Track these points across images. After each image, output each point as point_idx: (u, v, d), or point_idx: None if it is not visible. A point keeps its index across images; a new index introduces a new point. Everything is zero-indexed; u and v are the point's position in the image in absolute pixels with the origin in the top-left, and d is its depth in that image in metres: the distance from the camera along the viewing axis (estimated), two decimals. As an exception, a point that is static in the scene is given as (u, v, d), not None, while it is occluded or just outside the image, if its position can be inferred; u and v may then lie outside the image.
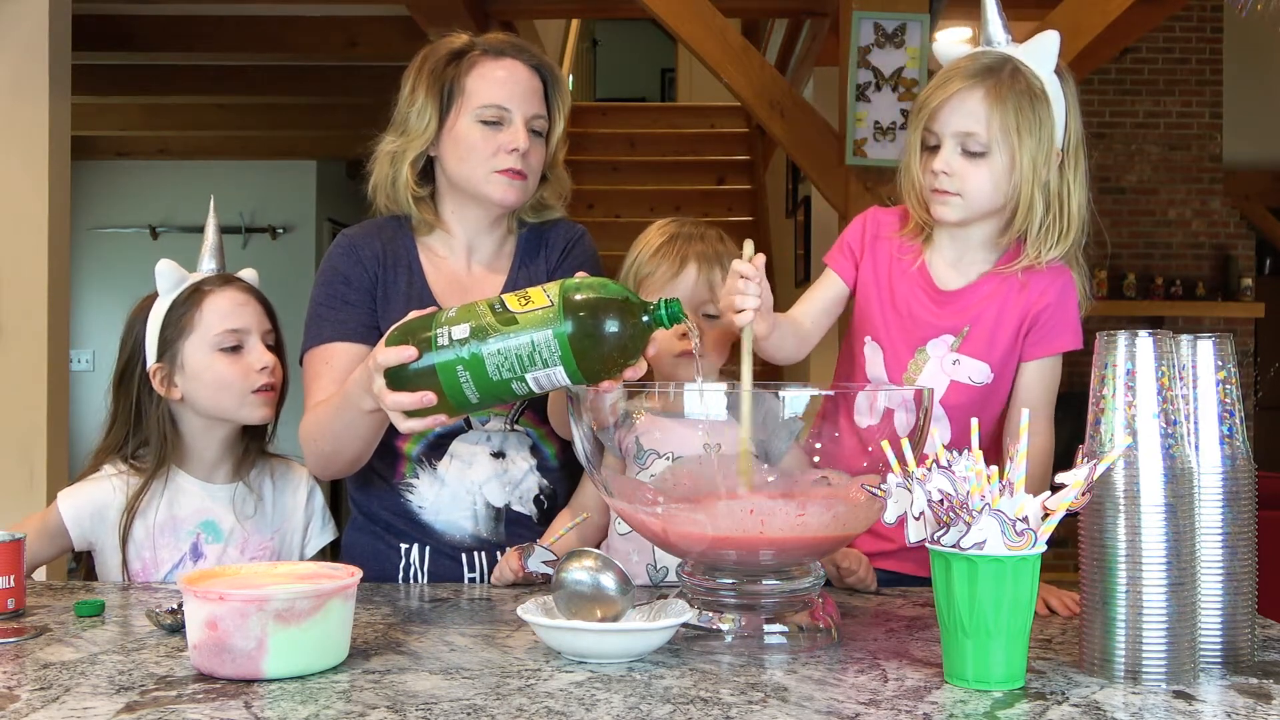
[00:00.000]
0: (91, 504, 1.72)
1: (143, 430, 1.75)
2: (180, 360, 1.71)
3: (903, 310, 1.63)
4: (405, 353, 1.33)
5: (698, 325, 1.55)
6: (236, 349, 1.72)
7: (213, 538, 1.73)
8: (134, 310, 1.78)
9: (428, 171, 1.78)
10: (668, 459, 1.37)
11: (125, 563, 1.70)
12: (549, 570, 1.55)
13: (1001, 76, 1.50)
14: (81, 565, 1.81)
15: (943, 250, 1.64)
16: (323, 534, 1.84)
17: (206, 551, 1.72)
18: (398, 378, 1.35)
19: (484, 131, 1.69)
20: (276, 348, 1.78)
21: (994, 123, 1.49)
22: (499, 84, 1.70)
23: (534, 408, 1.73)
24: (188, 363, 1.71)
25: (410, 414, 1.36)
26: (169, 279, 1.74)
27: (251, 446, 1.79)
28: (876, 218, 1.69)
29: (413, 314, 1.41)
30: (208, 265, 1.79)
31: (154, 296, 1.76)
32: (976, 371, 1.60)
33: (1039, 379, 1.62)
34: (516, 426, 1.73)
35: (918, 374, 1.62)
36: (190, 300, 1.73)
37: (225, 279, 1.77)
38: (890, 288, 1.65)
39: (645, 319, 1.32)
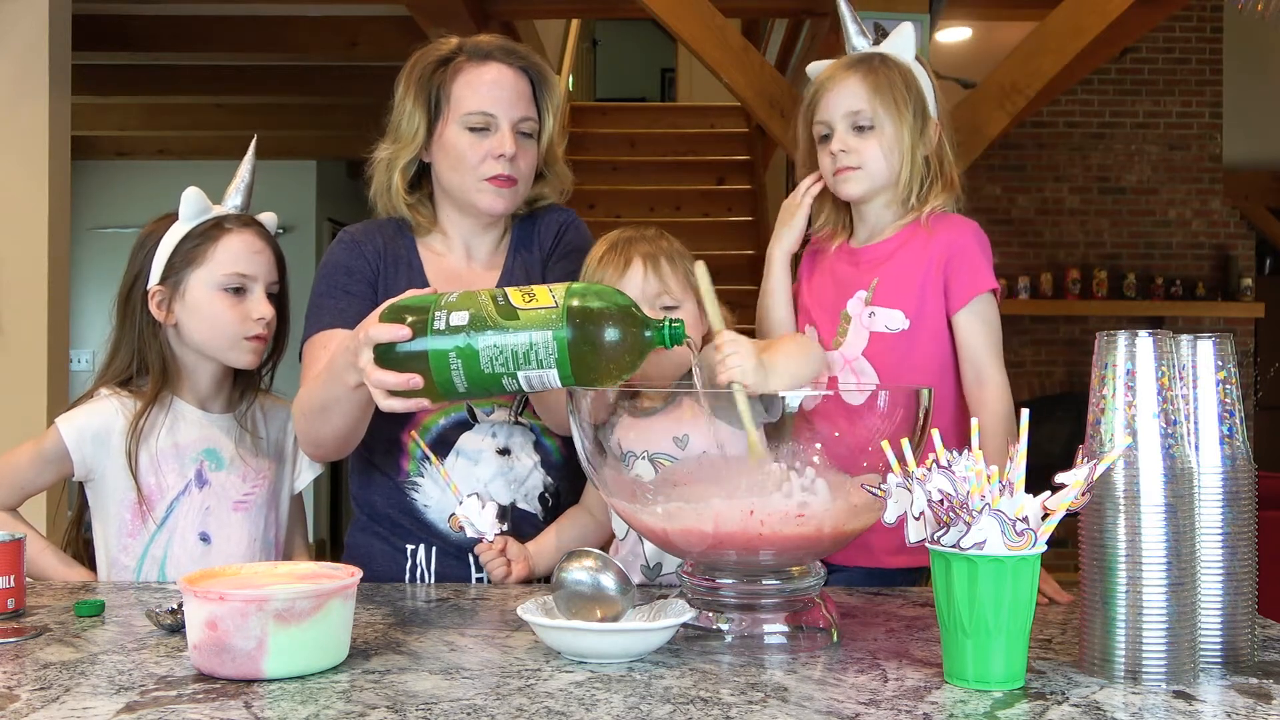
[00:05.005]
0: (93, 427, 1.72)
1: (145, 352, 1.76)
2: (182, 289, 1.73)
3: (826, 280, 1.74)
4: (399, 331, 1.32)
5: (655, 317, 1.55)
6: (239, 291, 1.74)
7: (215, 465, 1.76)
8: (148, 228, 1.79)
9: (426, 176, 1.78)
10: (645, 457, 1.37)
11: (139, 485, 1.70)
12: (486, 503, 1.55)
13: (873, 64, 1.70)
14: (74, 510, 1.82)
15: (857, 229, 1.77)
16: (311, 467, 1.87)
17: (211, 478, 1.75)
18: (387, 356, 1.33)
19: (471, 139, 1.69)
20: (280, 296, 1.80)
21: (874, 99, 1.68)
22: (484, 90, 1.70)
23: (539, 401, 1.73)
24: (188, 294, 1.73)
25: (393, 393, 1.35)
26: (193, 207, 1.75)
27: (241, 379, 1.82)
28: (810, 244, 1.85)
29: (411, 292, 1.40)
30: (233, 201, 1.80)
31: (169, 218, 1.77)
32: (891, 319, 1.67)
33: (971, 324, 1.66)
34: (520, 420, 1.73)
35: (844, 338, 1.70)
36: (207, 234, 1.74)
37: (246, 221, 1.78)
38: (815, 267, 1.79)
39: (648, 334, 1.31)
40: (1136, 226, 6.93)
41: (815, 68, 1.78)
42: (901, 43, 1.73)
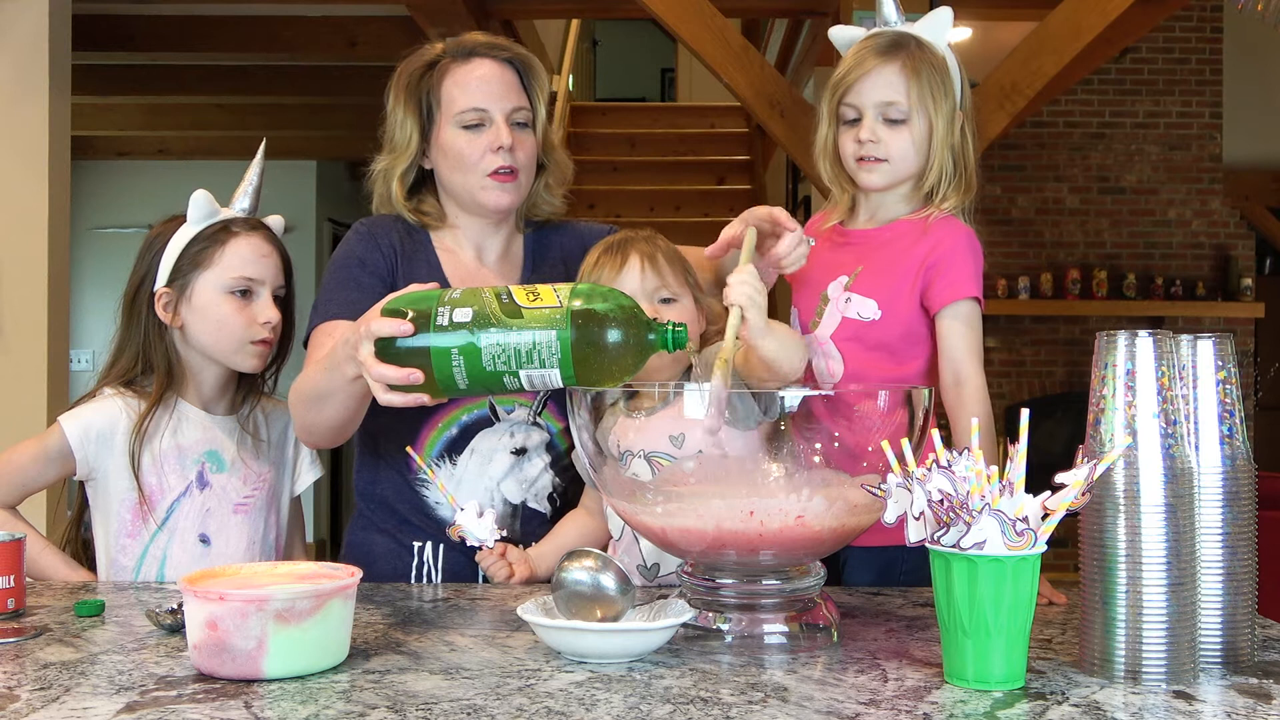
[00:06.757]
0: (98, 425, 1.71)
1: (150, 353, 1.76)
2: (189, 292, 1.74)
3: (813, 260, 1.69)
4: (401, 326, 1.32)
5: (655, 312, 1.56)
6: (246, 295, 1.74)
7: (216, 467, 1.76)
8: (155, 230, 1.79)
9: (427, 182, 1.79)
10: (641, 456, 1.38)
11: (140, 486, 1.70)
12: (484, 511, 1.55)
13: (911, 50, 1.64)
14: (75, 506, 1.82)
15: (858, 214, 1.74)
16: (311, 470, 1.87)
17: (212, 480, 1.75)
18: (388, 350, 1.33)
19: (468, 137, 1.70)
20: (287, 300, 1.81)
21: (912, 92, 1.62)
22: (473, 86, 1.71)
23: (556, 401, 1.73)
24: (195, 296, 1.74)
25: (392, 388, 1.35)
26: (201, 209, 1.76)
27: (244, 381, 1.82)
28: (809, 222, 1.81)
29: (413, 287, 1.40)
30: (241, 204, 1.81)
31: (177, 220, 1.77)
32: (864, 307, 1.65)
33: (953, 326, 1.63)
34: (539, 420, 1.73)
35: (820, 319, 1.68)
36: (215, 237, 1.75)
37: (253, 224, 1.79)
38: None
39: (650, 337, 1.32)
40: (1136, 226, 6.93)
41: (842, 36, 1.72)
42: (937, 26, 1.67)
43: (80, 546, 1.79)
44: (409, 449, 1.64)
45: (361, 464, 1.78)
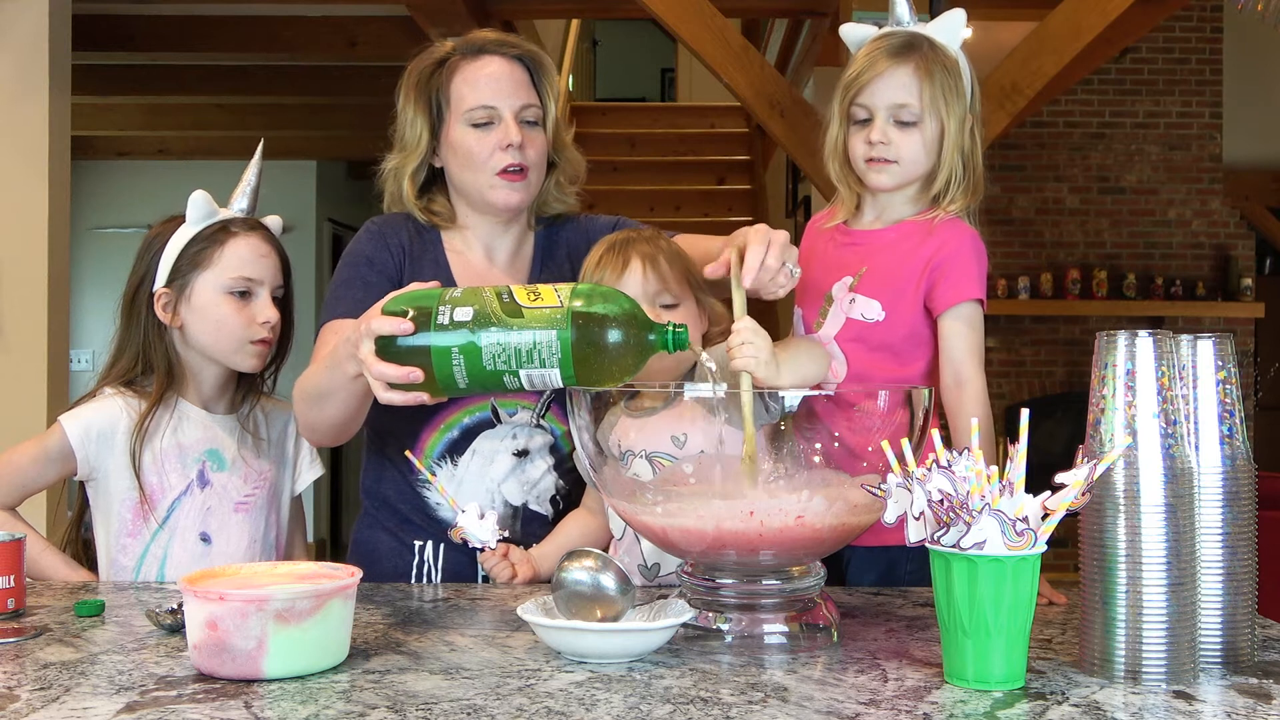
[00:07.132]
0: (98, 424, 1.72)
1: (150, 353, 1.77)
2: (189, 292, 1.74)
3: (817, 261, 1.69)
4: (401, 324, 1.32)
5: (657, 317, 1.55)
6: (245, 295, 1.75)
7: (217, 466, 1.76)
8: (154, 231, 1.80)
9: (438, 181, 1.79)
10: (643, 456, 1.37)
11: (141, 485, 1.70)
12: (485, 513, 1.55)
13: (924, 51, 1.63)
14: (75, 507, 1.82)
15: (864, 213, 1.73)
16: (311, 468, 1.88)
17: (212, 479, 1.76)
18: (389, 349, 1.33)
19: (477, 135, 1.70)
20: (285, 300, 1.81)
21: (924, 94, 1.61)
22: (482, 84, 1.71)
23: (560, 404, 1.73)
24: (195, 296, 1.74)
25: (392, 386, 1.35)
26: (200, 210, 1.76)
27: (244, 380, 1.83)
28: (812, 220, 1.81)
29: (414, 286, 1.40)
30: (239, 205, 1.81)
31: (176, 221, 1.78)
32: (869, 308, 1.65)
33: (955, 327, 1.63)
34: (542, 423, 1.73)
35: (824, 319, 1.68)
36: (214, 238, 1.75)
37: (252, 224, 1.79)
38: (811, 247, 1.75)
39: (651, 337, 1.32)
40: (1136, 226, 6.93)
41: (853, 34, 1.70)
42: (951, 27, 1.65)
43: (80, 546, 1.79)
44: (408, 453, 1.64)
45: (368, 463, 1.79)
